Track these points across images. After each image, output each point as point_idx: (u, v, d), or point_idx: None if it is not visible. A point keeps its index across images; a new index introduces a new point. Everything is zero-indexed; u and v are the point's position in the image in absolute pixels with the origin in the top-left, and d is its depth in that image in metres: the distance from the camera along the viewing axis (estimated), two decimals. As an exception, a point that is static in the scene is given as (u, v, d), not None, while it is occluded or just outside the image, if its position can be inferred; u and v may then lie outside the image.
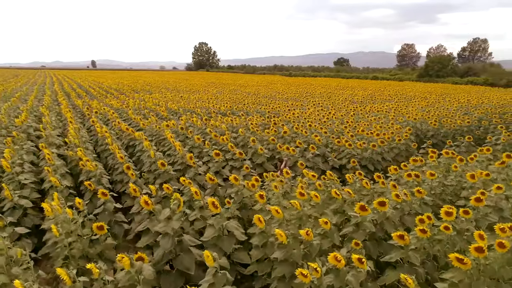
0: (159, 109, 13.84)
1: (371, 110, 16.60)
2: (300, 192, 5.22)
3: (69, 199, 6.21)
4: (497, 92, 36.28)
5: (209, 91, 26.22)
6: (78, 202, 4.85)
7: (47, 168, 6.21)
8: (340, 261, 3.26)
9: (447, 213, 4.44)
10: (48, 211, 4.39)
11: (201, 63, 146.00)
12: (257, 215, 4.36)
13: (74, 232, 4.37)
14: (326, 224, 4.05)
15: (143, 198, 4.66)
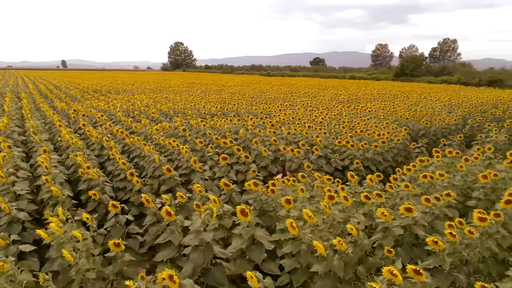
0: (149, 110, 13.33)
1: (361, 109, 16.67)
2: (330, 195, 5.02)
3: (71, 210, 5.79)
4: (472, 90, 37.51)
5: (193, 92, 25.70)
6: (87, 217, 4.45)
7: (45, 177, 5.74)
8: (397, 276, 3.06)
9: (481, 218, 4.35)
10: (56, 229, 3.97)
11: (177, 63, 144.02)
12: (290, 220, 4.12)
13: (87, 252, 3.98)
14: (356, 231, 3.84)
15: (165, 209, 4.34)
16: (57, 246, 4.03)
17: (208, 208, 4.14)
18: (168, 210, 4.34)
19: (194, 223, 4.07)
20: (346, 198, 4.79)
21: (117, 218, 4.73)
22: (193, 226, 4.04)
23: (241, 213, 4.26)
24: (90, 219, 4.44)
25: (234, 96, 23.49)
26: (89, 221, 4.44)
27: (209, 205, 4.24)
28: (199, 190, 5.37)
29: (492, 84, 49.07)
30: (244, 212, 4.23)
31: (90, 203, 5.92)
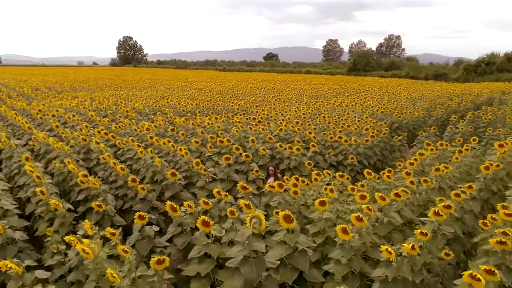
0: (121, 109, 12.43)
1: (333, 104, 16.86)
2: (361, 195, 4.87)
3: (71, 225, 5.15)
4: (423, 84, 39.78)
5: (157, 88, 24.58)
6: (112, 232, 3.91)
7: (40, 189, 5.02)
8: (480, 281, 2.95)
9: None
10: (87, 253, 3.41)
11: (127, 58, 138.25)
12: (341, 225, 3.91)
13: (129, 271, 3.47)
14: (426, 236, 3.72)
15: (202, 219, 3.93)
16: (95, 267, 3.48)
17: (255, 216, 3.80)
18: (206, 220, 3.94)
19: (242, 233, 3.71)
20: (383, 198, 4.66)
21: (143, 231, 4.22)
22: (242, 236, 3.68)
23: (284, 219, 3.96)
24: (116, 234, 3.91)
25: (201, 92, 22.81)
26: (115, 237, 3.91)
27: (254, 211, 3.90)
28: (224, 195, 4.97)
29: (437, 78, 52.46)
30: (290, 218, 3.94)
31: (93, 215, 5.29)
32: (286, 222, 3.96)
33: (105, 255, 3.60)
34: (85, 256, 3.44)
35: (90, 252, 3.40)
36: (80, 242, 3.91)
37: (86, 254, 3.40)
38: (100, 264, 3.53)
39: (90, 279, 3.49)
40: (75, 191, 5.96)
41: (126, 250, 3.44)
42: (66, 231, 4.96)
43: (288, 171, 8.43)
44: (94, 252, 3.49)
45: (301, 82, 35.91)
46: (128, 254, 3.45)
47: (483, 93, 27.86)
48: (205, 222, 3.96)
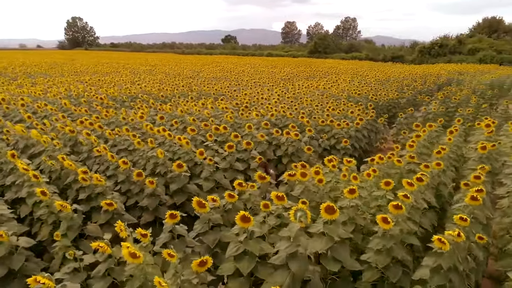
0: (94, 96, 11.55)
1: (308, 87, 16.83)
2: (386, 181, 4.83)
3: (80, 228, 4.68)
4: (383, 66, 41.08)
5: (121, 73, 23.22)
6: (143, 233, 3.56)
7: (40, 189, 4.48)
8: None
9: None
10: (137, 257, 3.05)
11: (76, 40, 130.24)
12: (381, 215, 3.83)
13: (174, 276, 3.17)
14: (466, 221, 3.74)
15: (242, 214, 3.68)
16: (139, 273, 3.13)
17: (300, 209, 3.62)
18: (246, 215, 3.69)
19: (290, 228, 3.52)
20: (411, 183, 4.64)
21: (175, 231, 3.88)
22: (290, 231, 3.49)
23: (326, 211, 3.81)
24: (147, 236, 3.56)
25: (170, 76, 21.91)
26: (145, 238, 3.56)
27: (299, 204, 3.70)
28: (250, 185, 4.73)
29: (395, 59, 54.51)
30: (332, 209, 3.79)
31: (101, 215, 4.84)
32: (328, 213, 3.81)
33: (151, 259, 3.26)
34: (131, 261, 3.08)
35: (141, 256, 3.06)
36: (108, 247, 3.54)
37: (135, 259, 3.04)
38: (144, 269, 3.19)
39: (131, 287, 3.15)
40: (73, 189, 5.42)
41: (172, 254, 3.13)
42: (75, 235, 4.50)
43: (285, 157, 8.29)
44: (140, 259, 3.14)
45: (267, 65, 35.65)
46: (175, 259, 3.14)
47: (441, 74, 29.24)
48: (244, 218, 3.71)
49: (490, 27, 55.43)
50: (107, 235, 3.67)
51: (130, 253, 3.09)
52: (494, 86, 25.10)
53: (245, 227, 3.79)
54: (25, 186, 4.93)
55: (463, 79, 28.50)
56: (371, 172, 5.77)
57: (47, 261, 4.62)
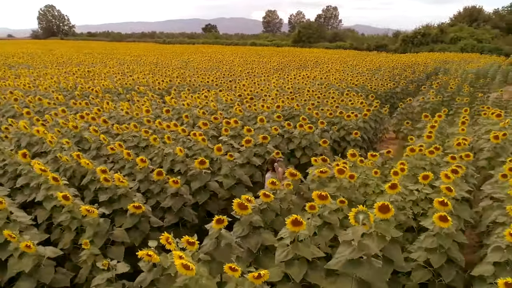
0: (91, 89, 10.97)
1: (304, 77, 16.60)
2: (424, 175, 4.69)
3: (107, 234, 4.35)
4: (369, 55, 41.26)
5: (108, 64, 22.32)
6: (191, 241, 3.28)
7: (62, 193, 4.11)
8: None
9: None
10: (190, 270, 2.78)
11: (51, 30, 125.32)
12: (439, 213, 3.68)
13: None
14: None
15: (294, 218, 3.45)
16: (194, 286, 2.86)
17: (361, 211, 3.41)
18: (298, 219, 3.46)
19: (354, 231, 3.31)
20: (447, 176, 4.51)
21: (222, 237, 3.61)
22: (355, 235, 3.29)
23: (380, 210, 3.62)
24: (194, 243, 3.29)
25: (160, 66, 21.24)
26: (193, 246, 3.29)
27: (360, 206, 3.49)
28: (286, 184, 4.49)
29: (379, 49, 54.86)
30: (387, 208, 3.60)
31: (127, 219, 4.52)
32: (382, 212, 3.62)
33: (205, 270, 3.00)
34: (184, 272, 2.80)
35: (194, 268, 2.79)
36: (156, 255, 3.25)
37: (188, 271, 2.77)
38: (198, 282, 2.92)
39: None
40: (90, 190, 5.06)
41: (235, 268, 2.87)
42: (102, 241, 4.17)
43: (298, 150, 8.08)
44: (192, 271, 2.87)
45: (254, 54, 35.19)
46: (238, 273, 2.88)
47: (428, 63, 29.55)
48: (296, 222, 3.48)
49: (471, 16, 56.38)
50: (152, 243, 3.37)
51: (183, 264, 2.81)
52: (480, 75, 25.61)
53: (296, 231, 3.56)
54: (42, 189, 4.53)
55: (449, 68, 28.94)
56: (401, 166, 5.63)
57: (70, 270, 4.28)
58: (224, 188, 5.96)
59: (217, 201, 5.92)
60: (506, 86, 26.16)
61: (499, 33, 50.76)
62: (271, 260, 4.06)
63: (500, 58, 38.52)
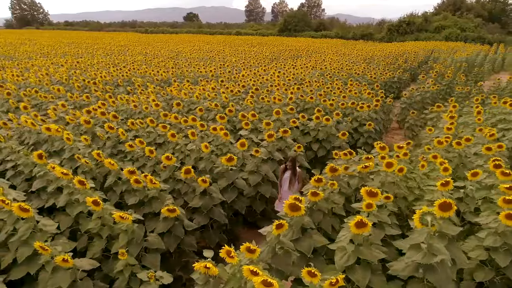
0: (88, 81, 10.36)
1: (302, 66, 16.32)
2: (474, 173, 4.50)
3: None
4: (357, 44, 41.22)
5: (95, 54, 21.40)
6: (251, 248, 2.98)
7: (91, 198, 3.72)
8: None
9: None
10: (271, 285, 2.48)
11: (25, 19, 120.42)
12: (506, 212, 3.49)
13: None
14: None
15: (359, 219, 3.19)
16: None
17: (428, 212, 3.18)
18: (364, 221, 3.21)
19: (420, 233, 3.09)
20: (504, 172, 4.31)
21: (282, 244, 3.32)
22: (420, 237, 3.07)
23: (441, 208, 3.40)
24: (255, 251, 2.99)
25: (150, 57, 20.52)
26: (254, 254, 2.99)
27: (424, 207, 3.26)
28: (331, 184, 4.22)
29: (364, 38, 54.91)
30: (449, 206, 3.38)
31: (160, 223, 4.17)
32: (444, 210, 3.41)
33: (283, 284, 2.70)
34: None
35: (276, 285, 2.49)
36: (215, 267, 2.93)
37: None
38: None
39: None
40: (115, 192, 4.67)
41: (314, 273, 2.60)
42: (138, 250, 3.83)
43: (315, 143, 7.84)
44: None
45: (243, 44, 34.59)
46: (317, 280, 2.61)
47: (418, 52, 29.68)
48: (361, 224, 3.23)
49: (454, 5, 57.04)
50: (208, 253, 3.05)
51: (264, 282, 2.50)
52: (469, 64, 25.92)
53: (360, 234, 3.31)
54: (64, 194, 4.12)
55: (438, 57, 29.17)
56: (432, 159, 5.46)
57: (100, 280, 3.93)
58: (250, 185, 5.67)
59: (242, 198, 5.63)
60: (493, 75, 26.70)
61: (481, 22, 51.58)
62: (321, 263, 3.82)
63: (483, 47, 39.17)
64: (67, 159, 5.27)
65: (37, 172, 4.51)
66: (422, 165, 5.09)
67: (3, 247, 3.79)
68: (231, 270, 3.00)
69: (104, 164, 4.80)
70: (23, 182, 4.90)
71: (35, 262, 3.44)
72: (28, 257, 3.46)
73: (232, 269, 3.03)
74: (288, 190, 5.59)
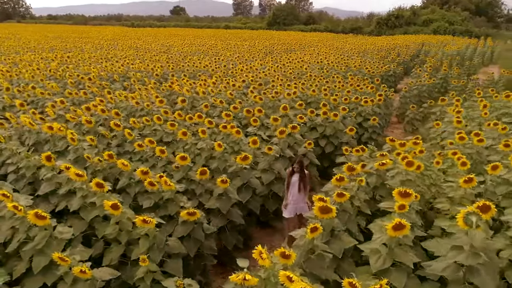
0: (81, 76, 10.00)
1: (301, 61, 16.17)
2: (494, 165, 4.42)
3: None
4: (347, 37, 41.21)
5: (85, 48, 20.80)
6: (285, 253, 2.83)
7: (110, 202, 3.51)
8: None
9: None
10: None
11: (6, 12, 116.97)
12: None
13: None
14: None
15: (397, 222, 3.07)
16: None
17: (472, 212, 3.07)
18: (403, 223, 3.09)
19: (472, 236, 2.98)
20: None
21: (316, 248, 3.17)
22: (473, 240, 2.96)
23: (482, 210, 3.29)
24: (290, 257, 2.84)
25: (140, 51, 20.06)
26: (289, 260, 2.84)
27: (469, 207, 3.15)
28: (359, 180, 4.10)
29: (354, 31, 54.99)
30: (488, 208, 3.27)
31: (179, 227, 3.99)
32: (484, 211, 3.31)
33: None
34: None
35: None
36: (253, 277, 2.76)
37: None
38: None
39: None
40: (129, 194, 4.45)
41: (355, 284, 2.46)
42: (160, 256, 3.64)
43: (322, 139, 7.70)
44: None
45: (234, 37, 34.22)
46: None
47: (409, 45, 29.81)
48: (400, 226, 3.10)
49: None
50: (243, 262, 2.87)
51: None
52: (460, 57, 26.17)
53: (397, 236, 3.19)
54: (78, 197, 3.89)
55: (428, 50, 29.38)
56: (452, 155, 5.37)
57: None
58: (263, 184, 5.51)
59: (256, 198, 5.46)
60: (483, 68, 27.04)
61: (468, 15, 52.16)
62: (351, 265, 3.70)
63: (472, 40, 39.62)
64: (72, 161, 5.01)
65: (44, 174, 4.25)
66: (437, 162, 4.99)
67: (13, 256, 3.57)
68: (265, 274, 2.84)
69: (115, 165, 4.57)
70: (26, 186, 4.63)
71: (52, 272, 3.23)
72: (44, 267, 3.25)
73: (266, 273, 2.87)
74: (299, 194, 5.19)
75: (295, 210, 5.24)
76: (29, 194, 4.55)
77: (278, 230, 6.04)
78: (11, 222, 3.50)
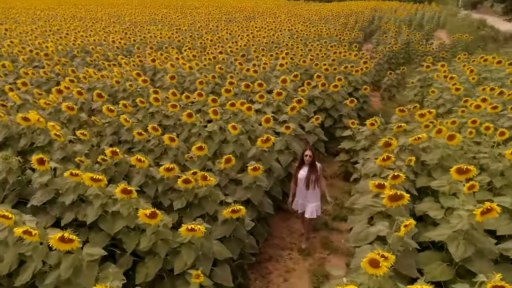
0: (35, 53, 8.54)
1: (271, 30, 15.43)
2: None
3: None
4: (300, 4, 40.54)
5: (21, 21, 18.09)
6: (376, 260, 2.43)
7: (151, 211, 2.85)
8: None
9: None
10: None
11: None
12: None
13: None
14: None
15: (488, 205, 2.77)
16: None
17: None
18: (492, 206, 2.80)
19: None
20: None
21: (406, 244, 2.78)
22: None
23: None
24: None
25: (87, 22, 17.95)
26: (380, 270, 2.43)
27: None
28: (408, 160, 3.75)
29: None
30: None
31: (218, 227, 3.43)
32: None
33: None
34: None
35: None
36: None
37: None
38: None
39: None
40: (145, 195, 3.75)
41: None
42: (209, 266, 3.09)
43: (321, 112, 7.30)
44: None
45: (184, 6, 32.07)
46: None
47: (364, 12, 29.96)
48: (488, 210, 2.82)
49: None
50: (336, 271, 2.43)
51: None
52: (412, 22, 26.92)
53: (482, 221, 2.90)
54: (96, 207, 3.14)
55: (382, 16, 29.82)
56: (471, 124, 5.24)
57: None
58: (282, 166, 5.03)
59: (276, 182, 4.98)
60: (437, 31, 28.09)
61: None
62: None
63: (418, 6, 40.84)
64: (61, 160, 4.15)
65: (39, 181, 3.40)
66: (470, 132, 4.81)
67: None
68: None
69: (121, 162, 3.82)
70: (11, 194, 3.72)
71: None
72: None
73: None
74: (313, 190, 4.52)
75: (305, 208, 4.65)
76: (13, 206, 3.67)
77: (291, 212, 5.65)
78: (16, 249, 2.73)
